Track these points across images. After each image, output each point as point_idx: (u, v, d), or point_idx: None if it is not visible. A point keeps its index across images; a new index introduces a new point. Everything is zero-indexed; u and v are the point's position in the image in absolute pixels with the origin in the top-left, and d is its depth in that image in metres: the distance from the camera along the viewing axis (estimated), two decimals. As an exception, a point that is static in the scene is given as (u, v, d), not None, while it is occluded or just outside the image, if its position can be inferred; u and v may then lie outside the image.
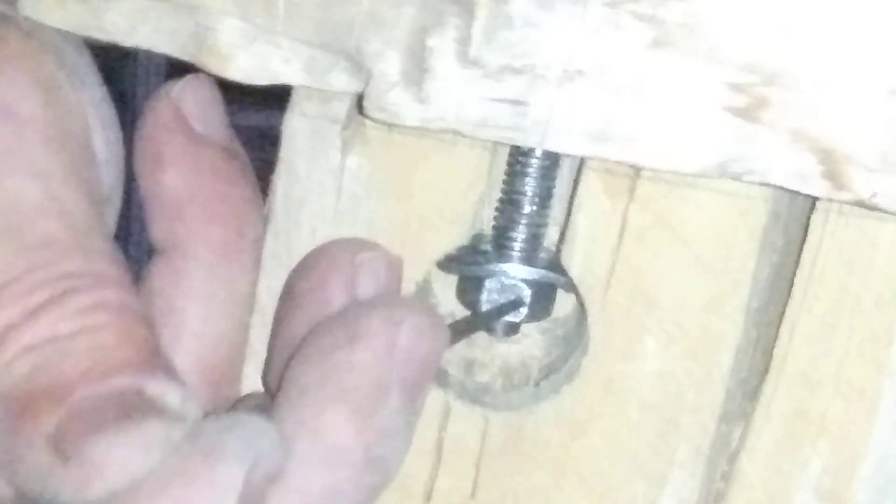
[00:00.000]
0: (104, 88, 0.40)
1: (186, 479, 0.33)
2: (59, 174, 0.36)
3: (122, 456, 0.33)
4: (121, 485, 0.32)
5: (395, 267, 0.38)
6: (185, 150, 0.39)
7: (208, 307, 0.39)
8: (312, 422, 0.35)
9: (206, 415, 0.35)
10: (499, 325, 0.40)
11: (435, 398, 0.40)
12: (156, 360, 0.35)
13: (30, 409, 0.33)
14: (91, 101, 0.38)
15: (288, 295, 0.39)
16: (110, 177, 0.39)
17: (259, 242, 0.39)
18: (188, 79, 0.39)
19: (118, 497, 0.32)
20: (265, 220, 0.39)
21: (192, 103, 0.39)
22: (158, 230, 0.39)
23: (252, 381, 0.40)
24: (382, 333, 0.36)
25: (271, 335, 0.39)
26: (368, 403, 0.35)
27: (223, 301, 0.39)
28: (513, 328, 0.40)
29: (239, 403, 0.39)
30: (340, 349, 0.36)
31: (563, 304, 0.40)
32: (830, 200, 0.35)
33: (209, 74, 0.38)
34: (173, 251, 0.39)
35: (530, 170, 0.38)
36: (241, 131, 0.41)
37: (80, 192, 0.36)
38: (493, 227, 0.39)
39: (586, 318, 0.38)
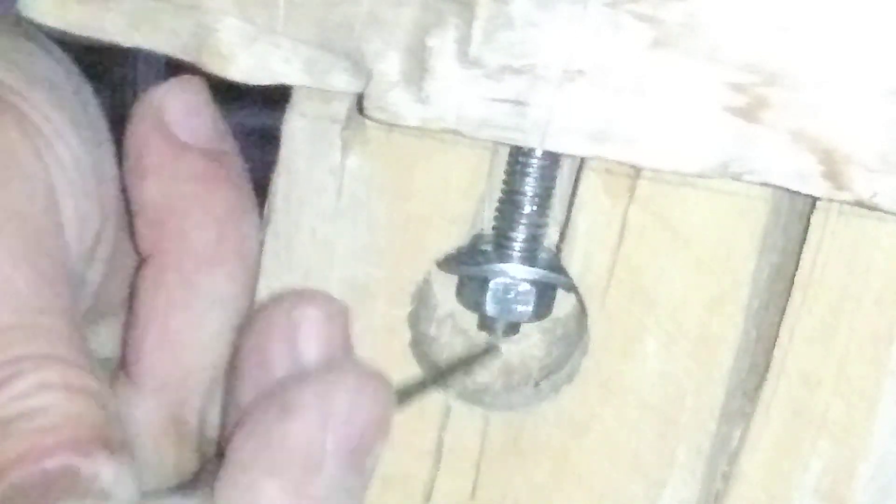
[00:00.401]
0: (94, 125, 0.39)
1: None
2: (9, 255, 0.36)
3: None
4: None
5: (337, 318, 0.38)
6: (164, 158, 0.39)
7: (191, 313, 0.39)
8: (247, 496, 0.35)
9: (144, 495, 0.35)
10: (498, 325, 0.40)
11: (435, 398, 0.40)
12: (101, 437, 0.35)
13: None
14: (60, 163, 0.38)
15: (234, 357, 0.39)
16: (89, 232, 0.39)
17: (246, 246, 0.39)
18: (171, 83, 0.39)
19: None
20: (265, 220, 0.39)
21: (175, 108, 0.39)
22: (141, 238, 0.39)
23: (222, 401, 0.40)
24: (314, 405, 0.35)
25: (223, 397, 0.39)
26: (301, 476, 0.35)
27: (206, 306, 0.39)
28: (513, 328, 0.40)
29: (201, 471, 0.39)
30: (272, 422, 0.35)
31: (563, 304, 0.40)
32: (830, 200, 0.35)
33: (199, 75, 0.38)
34: (155, 259, 0.39)
35: (530, 170, 0.38)
36: (241, 131, 0.41)
37: (34, 271, 0.36)
38: (493, 227, 0.39)
39: (586, 318, 0.38)
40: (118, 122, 0.40)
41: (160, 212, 0.39)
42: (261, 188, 0.40)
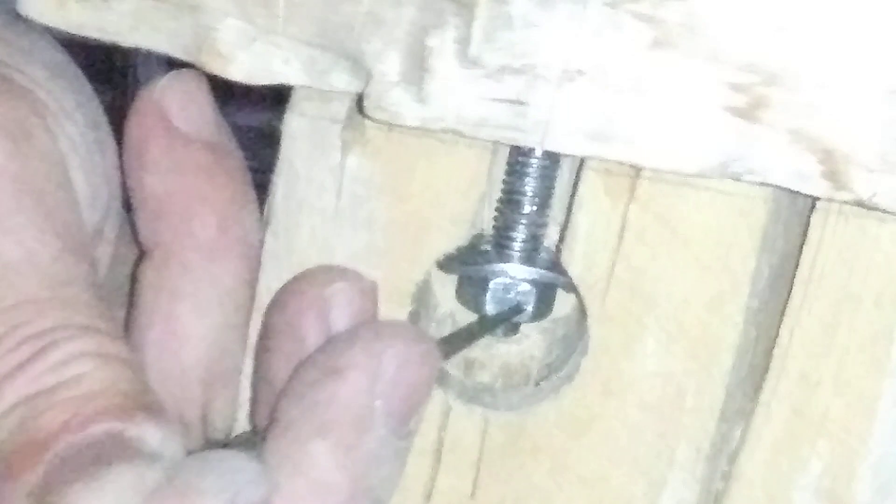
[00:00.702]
0: (93, 108, 0.39)
1: None
2: (33, 229, 0.36)
3: (99, 502, 0.33)
4: None
5: (368, 293, 0.38)
6: (165, 150, 0.39)
7: (193, 306, 0.39)
8: (296, 457, 0.35)
9: (189, 453, 0.35)
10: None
11: (435, 398, 0.39)
12: (138, 402, 0.35)
13: (13, 466, 0.34)
14: (70, 139, 0.38)
15: (265, 334, 0.39)
16: (98, 209, 0.39)
17: (248, 238, 0.39)
18: (171, 75, 0.39)
19: None
20: (265, 220, 0.39)
21: (175, 101, 0.39)
22: (143, 231, 0.39)
23: (252, 379, 0.40)
24: (364, 365, 0.36)
25: (253, 375, 0.39)
26: (351, 436, 0.35)
27: (209, 299, 0.39)
28: (513, 328, 0.40)
29: (231, 441, 0.40)
30: (322, 383, 0.36)
31: (563, 304, 0.40)
32: (830, 200, 0.35)
33: (198, 70, 0.38)
34: (157, 252, 0.39)
35: (530, 170, 0.38)
36: (241, 131, 0.41)
37: (57, 244, 0.36)
38: (493, 227, 0.39)
39: (586, 318, 0.38)
40: (118, 121, 0.40)
41: (162, 204, 0.39)
42: (261, 188, 0.40)
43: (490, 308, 0.39)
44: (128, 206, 0.40)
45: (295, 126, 0.38)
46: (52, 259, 0.36)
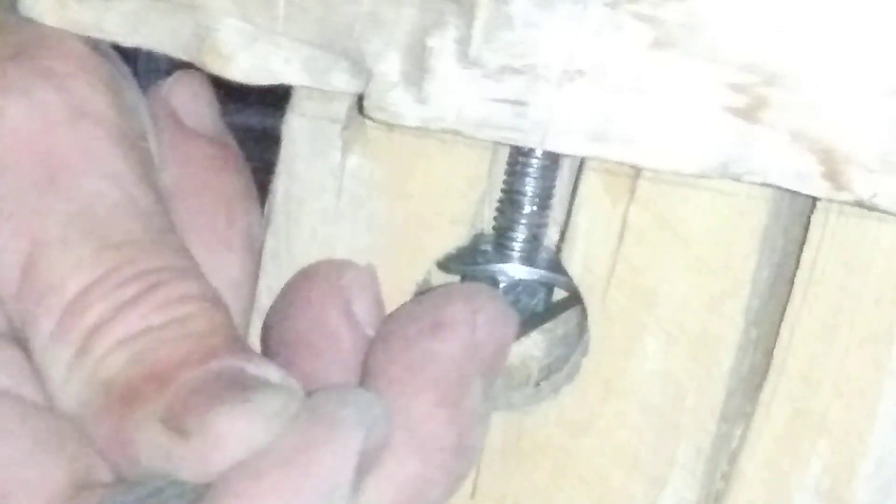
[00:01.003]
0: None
1: (309, 446, 0.33)
2: (132, 174, 0.37)
3: (243, 427, 0.33)
4: (243, 455, 0.33)
5: (374, 277, 0.38)
6: (173, 143, 0.39)
7: None
8: (404, 411, 0.35)
9: (320, 391, 0.35)
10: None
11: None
12: (243, 345, 0.36)
13: (135, 395, 0.34)
14: (139, 105, 0.39)
15: (288, 339, 0.38)
16: (163, 171, 0.40)
17: (250, 231, 0.40)
18: (178, 75, 0.40)
19: (244, 468, 0.33)
20: (265, 220, 0.39)
21: (182, 98, 0.40)
22: None
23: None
24: (464, 322, 0.36)
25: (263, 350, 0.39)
26: (456, 391, 0.36)
27: (217, 287, 0.39)
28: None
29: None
30: (425, 338, 0.36)
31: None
32: (830, 201, 0.35)
33: (202, 72, 0.38)
34: None
35: (530, 170, 0.38)
36: (241, 131, 0.41)
37: (151, 192, 0.37)
38: (494, 227, 0.39)
39: (586, 318, 0.38)
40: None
41: (170, 195, 0.39)
42: (261, 188, 0.40)
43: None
44: None
45: (295, 126, 0.38)
46: (151, 205, 0.37)
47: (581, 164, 0.37)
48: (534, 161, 0.38)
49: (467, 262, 0.39)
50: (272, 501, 0.32)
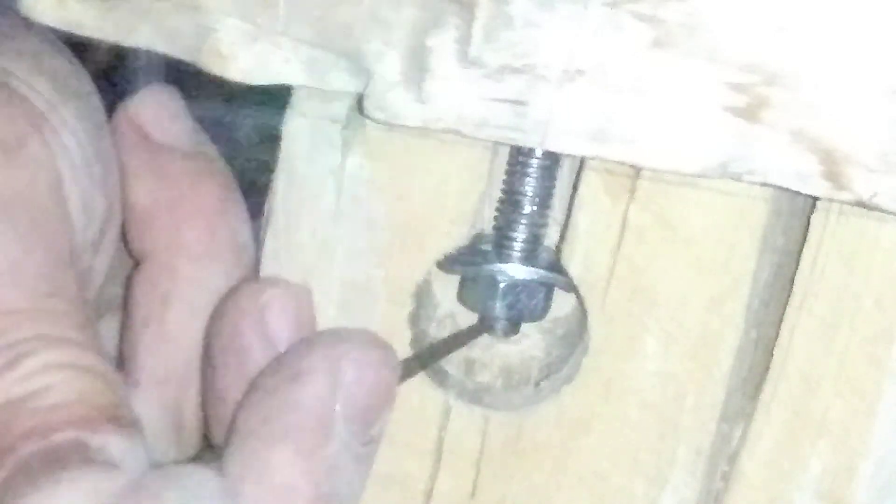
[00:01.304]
0: (96, 119, 0.39)
1: None
2: (18, 240, 0.36)
3: None
4: None
5: (301, 297, 0.38)
6: (144, 161, 0.39)
7: (185, 309, 0.39)
8: (258, 463, 0.35)
9: (153, 466, 0.35)
10: (499, 325, 0.40)
11: (435, 398, 0.40)
12: (107, 414, 0.35)
13: None
14: (66, 151, 0.38)
15: (206, 352, 0.39)
16: (95, 221, 0.39)
17: (236, 241, 0.39)
18: (144, 91, 0.40)
19: None
20: (265, 220, 0.39)
21: (150, 114, 0.39)
22: (133, 243, 0.40)
23: (201, 398, 0.40)
24: (324, 370, 0.36)
25: (202, 394, 0.39)
26: (313, 440, 0.35)
27: (200, 302, 0.39)
28: (513, 328, 0.40)
29: (197, 457, 0.40)
30: (282, 389, 0.36)
31: (563, 304, 0.40)
32: (830, 200, 0.35)
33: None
34: (147, 260, 0.39)
35: (530, 170, 0.38)
36: (241, 131, 0.41)
37: (41, 256, 0.36)
38: (494, 227, 0.39)
39: (586, 318, 0.38)
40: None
41: (149, 213, 0.39)
42: (261, 188, 0.40)
43: (499, 309, 0.39)
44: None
45: (295, 126, 0.38)
46: (36, 270, 0.36)
47: (581, 164, 0.37)
48: (534, 161, 0.38)
49: (467, 262, 0.39)
50: None
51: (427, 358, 0.39)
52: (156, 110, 0.39)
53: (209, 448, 0.40)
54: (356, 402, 0.36)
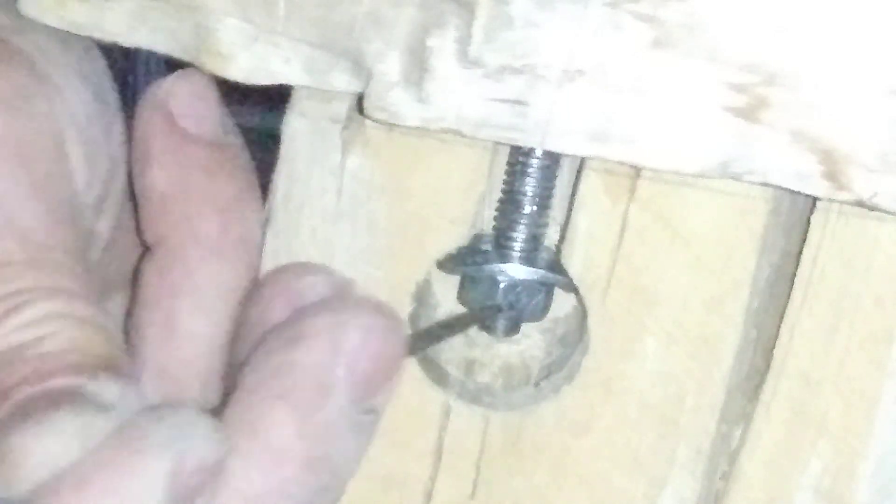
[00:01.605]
0: (101, 82, 0.40)
1: (111, 468, 0.33)
2: (17, 194, 0.36)
3: (42, 446, 0.33)
4: (43, 475, 0.33)
5: (341, 287, 0.38)
6: (169, 147, 0.39)
7: (194, 303, 0.39)
8: (254, 421, 0.35)
9: (144, 408, 0.35)
10: (499, 325, 0.40)
11: (435, 398, 0.40)
12: (103, 362, 0.35)
13: None
14: (70, 110, 0.38)
15: (237, 329, 0.39)
16: (97, 182, 0.39)
17: (249, 238, 0.39)
18: (178, 74, 0.39)
19: (46, 489, 0.33)
20: (265, 220, 0.39)
21: (180, 100, 0.39)
22: (146, 228, 0.40)
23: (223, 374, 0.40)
24: (326, 333, 0.36)
25: (225, 369, 0.39)
26: (311, 402, 0.35)
27: (209, 296, 0.39)
28: (513, 328, 0.40)
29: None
30: (284, 349, 0.36)
31: (563, 304, 0.40)
32: (830, 200, 0.35)
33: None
34: (159, 248, 0.39)
35: (530, 170, 0.38)
36: (241, 131, 0.41)
37: (41, 209, 0.36)
38: (494, 227, 0.39)
39: (586, 318, 0.38)
40: (118, 124, 0.40)
41: (164, 200, 0.39)
42: (261, 188, 0.40)
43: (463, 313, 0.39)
44: (134, 203, 0.40)
45: (295, 126, 0.38)
46: (35, 221, 0.36)
47: (581, 164, 0.37)
48: (534, 161, 0.38)
49: (467, 262, 0.39)
50: None
51: (435, 335, 0.39)
52: (185, 96, 0.39)
53: None
54: (358, 368, 0.36)
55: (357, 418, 0.36)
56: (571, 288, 0.39)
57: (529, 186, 0.38)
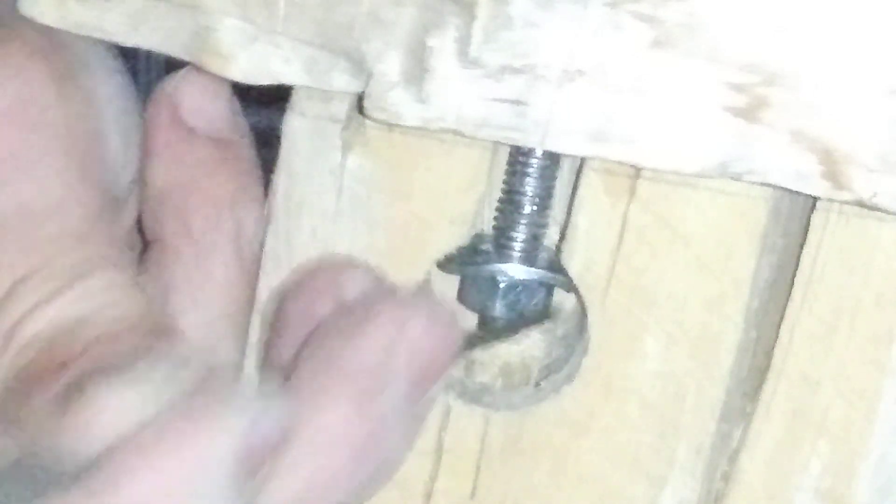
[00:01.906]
0: (124, 81, 0.40)
1: (187, 426, 0.33)
2: (71, 172, 0.37)
3: (118, 400, 0.33)
4: (118, 429, 0.33)
5: (381, 279, 0.38)
6: (169, 143, 0.39)
7: (186, 298, 0.39)
8: (313, 403, 0.35)
9: (212, 372, 0.35)
10: (499, 325, 0.40)
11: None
12: (165, 331, 0.36)
13: (38, 380, 0.34)
14: (107, 96, 0.39)
15: (276, 325, 0.39)
16: (129, 171, 0.39)
17: (240, 232, 0.39)
18: (186, 70, 0.39)
19: (119, 445, 0.33)
20: (265, 220, 0.39)
21: (188, 95, 0.39)
22: (146, 223, 0.40)
23: (252, 378, 0.40)
24: (390, 322, 0.36)
25: (263, 367, 0.39)
26: (370, 389, 0.35)
27: (201, 292, 0.39)
28: (513, 328, 0.40)
29: None
30: (347, 335, 0.36)
31: (563, 304, 0.40)
32: (830, 200, 0.35)
33: None
34: (156, 243, 0.39)
35: (530, 170, 0.38)
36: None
37: (91, 188, 0.37)
38: (494, 227, 0.39)
39: (586, 318, 0.38)
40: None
41: (162, 195, 0.39)
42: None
43: (499, 309, 0.39)
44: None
45: (295, 126, 0.38)
46: (88, 200, 0.37)
47: (581, 164, 0.37)
48: (534, 161, 0.38)
49: (467, 262, 0.39)
50: (144, 479, 0.32)
51: (486, 339, 0.39)
52: (194, 91, 0.39)
53: None
54: (419, 356, 0.36)
55: (410, 409, 0.36)
56: (571, 288, 0.39)
57: (529, 186, 0.38)
